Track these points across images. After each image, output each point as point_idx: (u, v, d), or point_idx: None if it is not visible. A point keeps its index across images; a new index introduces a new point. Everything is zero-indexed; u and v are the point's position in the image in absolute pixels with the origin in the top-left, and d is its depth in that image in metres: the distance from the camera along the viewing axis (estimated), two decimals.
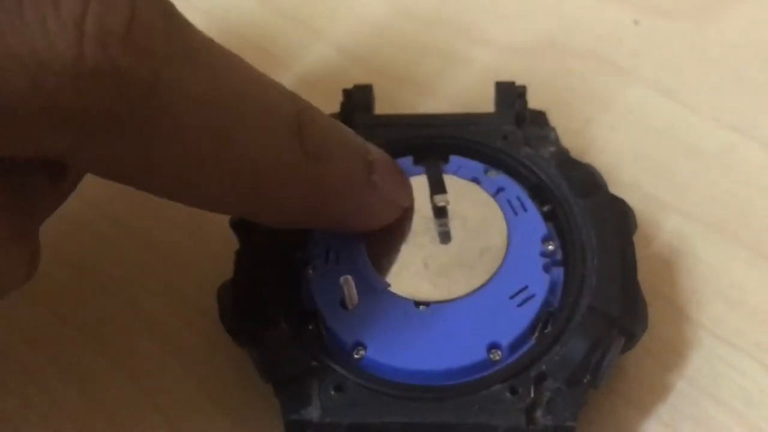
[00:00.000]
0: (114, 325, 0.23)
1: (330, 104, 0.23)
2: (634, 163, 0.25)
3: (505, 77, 0.27)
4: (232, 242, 0.22)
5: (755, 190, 0.24)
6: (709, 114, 0.26)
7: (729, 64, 0.27)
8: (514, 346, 0.19)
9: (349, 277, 0.19)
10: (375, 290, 0.20)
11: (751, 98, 0.26)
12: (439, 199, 0.21)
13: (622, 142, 0.25)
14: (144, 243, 0.24)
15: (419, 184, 0.21)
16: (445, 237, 0.21)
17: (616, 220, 0.20)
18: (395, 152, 0.22)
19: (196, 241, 0.24)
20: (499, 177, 0.22)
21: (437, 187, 0.21)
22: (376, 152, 0.20)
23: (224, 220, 0.22)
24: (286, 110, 0.18)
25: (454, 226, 0.21)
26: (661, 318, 0.22)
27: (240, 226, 0.21)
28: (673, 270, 0.23)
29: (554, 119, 0.25)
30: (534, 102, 0.25)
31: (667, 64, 0.27)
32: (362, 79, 0.26)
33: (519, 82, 0.26)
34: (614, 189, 0.24)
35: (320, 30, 0.29)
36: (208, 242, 0.24)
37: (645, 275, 0.22)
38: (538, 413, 0.18)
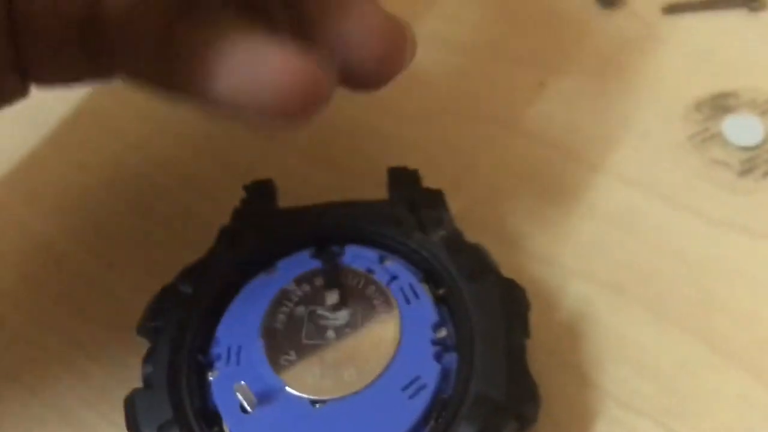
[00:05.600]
0: None
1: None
2: (540, 228, 0.25)
3: (412, 145, 0.28)
4: None
5: (655, 249, 0.25)
6: (612, 172, 0.26)
7: (631, 119, 0.27)
8: None
9: (243, 384, 0.20)
10: (272, 391, 0.20)
11: (652, 153, 0.27)
12: (330, 296, 0.21)
13: (528, 206, 0.26)
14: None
15: (318, 278, 0.22)
16: (342, 330, 0.21)
17: (503, 304, 0.21)
18: (295, 246, 0.23)
19: None
20: (393, 265, 0.22)
21: (329, 283, 0.22)
22: None
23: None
24: None
25: (350, 319, 0.21)
26: (567, 386, 0.23)
27: (148, 331, 0.22)
28: (577, 336, 0.23)
29: (460, 187, 0.26)
30: (440, 169, 0.26)
31: (572, 124, 0.28)
32: (277, 155, 0.27)
33: (426, 150, 0.26)
34: (519, 256, 0.25)
35: None
36: None
37: (550, 343, 0.23)
38: None
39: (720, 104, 0.27)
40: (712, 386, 0.22)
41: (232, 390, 0.20)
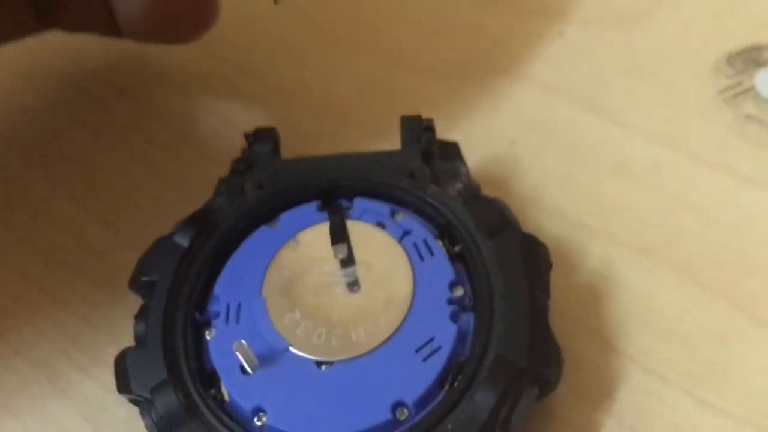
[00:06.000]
0: None
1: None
2: (560, 186, 0.24)
3: (426, 100, 0.26)
4: None
5: (684, 209, 0.23)
6: (638, 128, 0.25)
7: (657, 73, 0.26)
8: (421, 403, 0.18)
9: (243, 342, 0.18)
10: (275, 351, 0.19)
11: (680, 109, 0.25)
12: (338, 250, 0.20)
13: (548, 164, 0.24)
14: None
15: (324, 232, 0.21)
16: (350, 287, 0.20)
17: (525, 261, 0.19)
18: (300, 198, 0.21)
19: None
20: (405, 219, 0.21)
21: (337, 236, 0.20)
22: None
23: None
24: None
25: (359, 276, 0.20)
26: (588, 351, 0.21)
27: (141, 286, 0.21)
28: (600, 299, 0.22)
29: (476, 143, 0.24)
30: (455, 125, 0.24)
31: (593, 77, 0.26)
32: (281, 109, 0.25)
33: (439, 104, 0.25)
34: (538, 215, 0.23)
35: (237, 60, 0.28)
36: None
37: (570, 306, 0.22)
38: None
39: (752, 57, 0.25)
40: (741, 352, 0.21)
41: (231, 350, 0.19)
